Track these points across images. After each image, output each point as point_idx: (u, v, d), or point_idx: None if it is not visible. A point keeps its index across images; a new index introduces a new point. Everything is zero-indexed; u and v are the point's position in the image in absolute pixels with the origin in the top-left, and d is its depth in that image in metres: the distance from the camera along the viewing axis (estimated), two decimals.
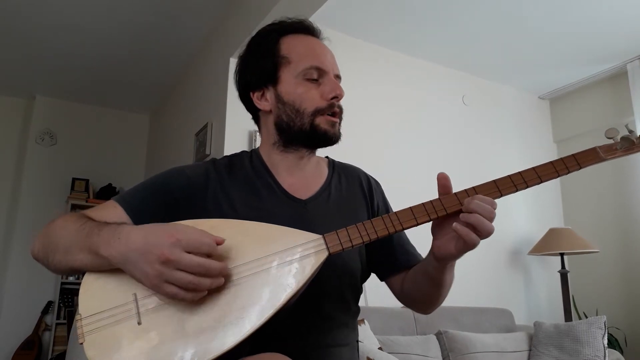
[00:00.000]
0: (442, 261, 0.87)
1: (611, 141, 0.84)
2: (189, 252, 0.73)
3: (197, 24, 3.40)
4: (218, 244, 0.76)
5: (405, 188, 2.53)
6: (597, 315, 3.44)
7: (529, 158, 4.02)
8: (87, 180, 4.48)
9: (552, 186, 4.07)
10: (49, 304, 4.19)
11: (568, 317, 3.31)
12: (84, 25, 3.45)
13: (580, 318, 3.55)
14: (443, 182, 0.84)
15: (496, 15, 3.13)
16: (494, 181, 0.83)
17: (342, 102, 1.02)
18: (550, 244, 3.42)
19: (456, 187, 0.85)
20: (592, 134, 3.94)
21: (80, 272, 0.84)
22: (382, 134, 3.33)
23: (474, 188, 0.83)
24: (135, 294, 0.78)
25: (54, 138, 4.56)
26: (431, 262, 0.90)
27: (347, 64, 3.31)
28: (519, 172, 0.83)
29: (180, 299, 0.74)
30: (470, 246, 0.79)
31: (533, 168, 0.83)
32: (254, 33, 1.07)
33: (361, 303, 2.94)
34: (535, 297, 3.77)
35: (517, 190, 0.83)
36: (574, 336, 2.76)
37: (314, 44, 1.02)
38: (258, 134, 3.10)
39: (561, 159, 0.83)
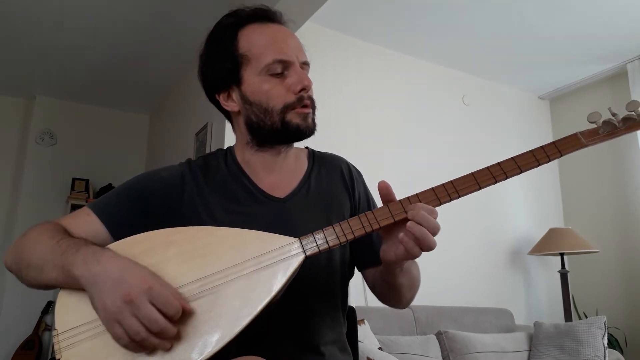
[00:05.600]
0: (387, 266, 0.86)
1: (594, 125, 0.81)
2: (154, 305, 0.70)
3: (197, 24, 3.40)
4: (185, 311, 0.73)
5: (404, 188, 2.53)
6: (597, 315, 3.44)
7: None
8: (87, 180, 4.48)
9: (552, 186, 4.07)
10: (49, 304, 4.19)
11: (568, 317, 3.31)
12: (84, 25, 3.44)
13: (580, 318, 3.55)
14: (384, 191, 0.81)
15: (496, 15, 3.13)
16: (472, 174, 0.81)
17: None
18: (550, 244, 3.42)
19: None
20: None
21: (53, 289, 0.82)
22: (382, 134, 3.33)
23: (416, 195, 0.80)
24: None
25: (54, 138, 4.55)
26: (382, 265, 0.89)
27: (346, 64, 3.30)
28: (498, 162, 0.80)
29: (121, 345, 0.72)
30: (410, 257, 0.78)
31: (512, 158, 0.81)
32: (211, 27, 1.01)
33: (361, 303, 2.94)
34: (535, 297, 3.77)
35: (496, 182, 0.80)
36: (574, 336, 2.77)
37: (275, 33, 0.95)
38: None
39: (541, 147, 0.81)
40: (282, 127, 0.93)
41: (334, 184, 1.05)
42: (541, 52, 3.55)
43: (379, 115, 3.35)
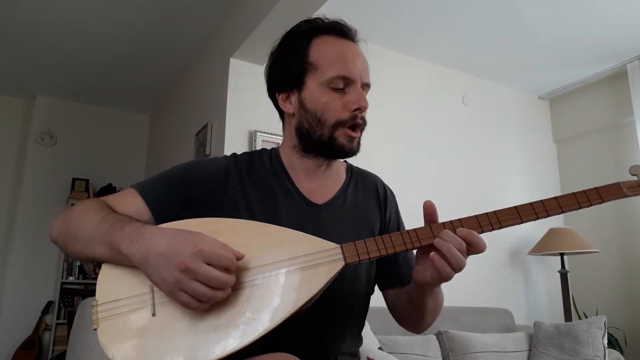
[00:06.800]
0: (419, 287, 0.88)
1: (635, 178, 0.84)
2: (209, 264, 0.73)
3: (197, 24, 3.40)
4: (238, 259, 0.76)
5: (404, 188, 2.53)
6: (597, 315, 3.44)
7: (528, 158, 4.03)
8: (87, 180, 4.48)
9: (551, 185, 4.07)
10: (49, 304, 4.19)
11: (568, 317, 3.31)
12: (84, 26, 3.45)
13: (580, 318, 3.55)
14: (429, 210, 0.84)
15: (496, 15, 3.13)
16: (516, 207, 0.83)
17: None
18: (550, 243, 3.42)
19: (456, 187, 0.85)
20: (592, 134, 3.94)
21: (99, 262, 0.85)
22: (382, 134, 3.33)
23: (459, 220, 0.83)
24: (152, 285, 0.79)
25: (54, 138, 4.56)
26: (412, 285, 0.91)
27: None
28: (541, 200, 0.83)
29: (191, 309, 0.75)
30: (444, 278, 0.80)
31: (555, 198, 0.83)
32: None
33: None
34: (535, 297, 3.77)
35: (537, 218, 0.83)
36: (574, 336, 2.77)
37: (345, 49, 0.99)
38: (258, 134, 3.10)
39: (584, 192, 0.83)
40: (328, 141, 0.96)
41: (368, 201, 1.07)
42: (541, 52, 3.55)
43: (378, 116, 3.35)
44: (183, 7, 3.20)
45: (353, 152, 0.98)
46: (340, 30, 1.01)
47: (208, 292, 0.72)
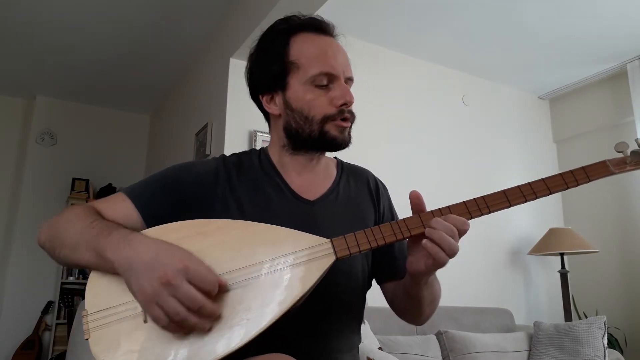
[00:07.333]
0: (414, 277, 0.87)
1: (621, 155, 0.83)
2: (191, 283, 0.72)
3: (197, 24, 3.41)
4: (221, 286, 0.74)
5: (404, 188, 2.53)
6: (597, 315, 3.44)
7: (528, 158, 4.02)
8: (87, 180, 4.49)
9: None
10: (49, 304, 4.19)
11: (568, 317, 3.31)
12: (84, 26, 3.45)
13: (580, 318, 3.55)
14: (416, 200, 0.83)
15: (496, 15, 3.13)
16: (503, 191, 0.83)
17: None
18: (550, 244, 3.42)
19: (456, 187, 0.85)
20: (592, 134, 3.94)
21: (85, 269, 0.85)
22: (382, 134, 3.33)
23: (448, 207, 0.82)
24: None
25: (54, 138, 4.56)
26: (407, 277, 0.91)
27: None
28: (529, 182, 0.82)
29: (160, 326, 0.73)
30: (439, 264, 0.79)
31: (542, 179, 0.82)
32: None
33: None
34: (535, 297, 3.77)
35: (526, 201, 0.82)
36: (574, 336, 2.77)
37: (326, 45, 0.98)
38: (258, 134, 3.10)
39: (570, 171, 0.82)
40: (319, 136, 0.95)
41: (360, 195, 1.07)
42: (541, 52, 3.55)
43: (378, 116, 3.35)
44: (183, 7, 3.20)
45: (345, 143, 0.97)
46: (318, 27, 1.00)
47: (182, 312, 0.70)
